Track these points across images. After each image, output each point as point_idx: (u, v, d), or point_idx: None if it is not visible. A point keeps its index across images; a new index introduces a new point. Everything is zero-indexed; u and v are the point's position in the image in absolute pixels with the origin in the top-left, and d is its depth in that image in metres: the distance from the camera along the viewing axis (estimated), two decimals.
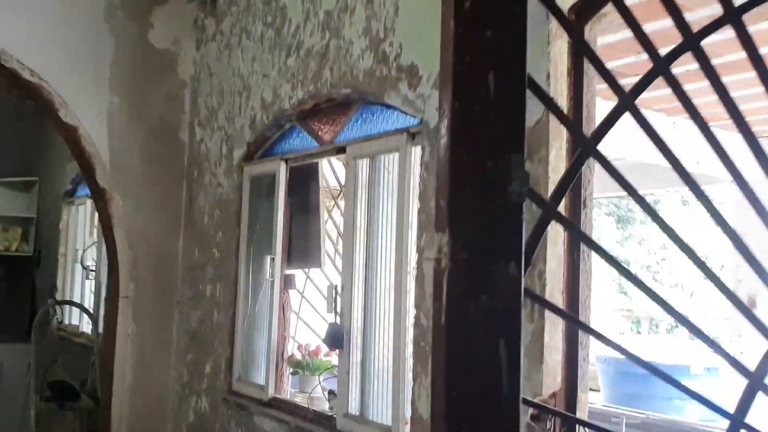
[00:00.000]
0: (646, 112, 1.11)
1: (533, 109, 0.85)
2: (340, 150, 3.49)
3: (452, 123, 0.94)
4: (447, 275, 0.93)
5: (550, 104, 0.99)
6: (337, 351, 3.41)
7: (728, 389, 6.37)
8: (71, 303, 6.67)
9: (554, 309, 1.59)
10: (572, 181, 1.03)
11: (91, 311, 6.13)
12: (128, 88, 4.73)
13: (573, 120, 1.13)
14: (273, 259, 4.00)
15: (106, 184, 4.66)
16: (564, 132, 2.31)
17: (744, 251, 0.94)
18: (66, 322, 6.82)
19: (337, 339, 3.35)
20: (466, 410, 0.97)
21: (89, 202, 6.44)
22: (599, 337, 0.98)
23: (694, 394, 1.03)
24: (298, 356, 4.06)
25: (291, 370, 4.01)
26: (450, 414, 0.96)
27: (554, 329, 2.36)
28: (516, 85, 0.96)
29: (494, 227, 0.95)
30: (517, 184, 0.96)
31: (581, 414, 2.40)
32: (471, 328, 0.94)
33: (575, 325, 1.04)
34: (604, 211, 16.54)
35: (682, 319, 0.97)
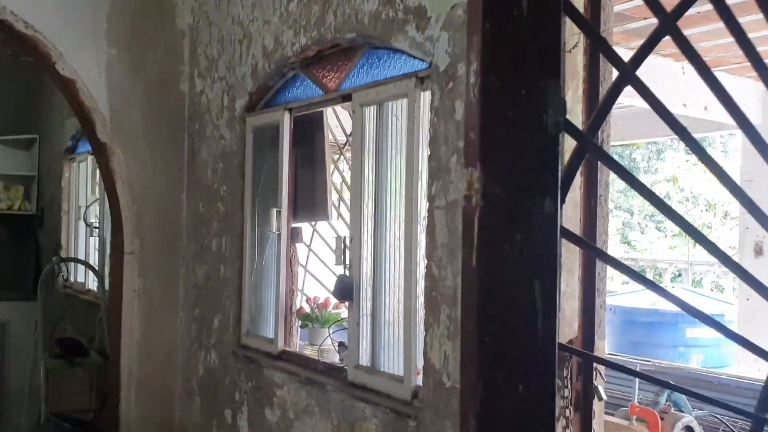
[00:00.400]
0: (652, 58, 1.03)
1: None
2: (346, 98, 3.39)
3: (482, 47, 0.85)
4: (479, 213, 0.86)
5: (587, 28, 0.93)
6: (347, 303, 3.37)
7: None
8: (76, 260, 6.65)
9: (600, 253, 1.53)
10: (610, 110, 0.96)
11: (96, 268, 6.11)
12: (126, 40, 4.61)
13: (610, 47, 1.05)
14: (279, 212, 3.94)
15: (106, 138, 4.58)
16: (581, 72, 2.22)
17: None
18: (72, 279, 6.81)
19: (346, 291, 3.31)
20: (499, 355, 0.91)
21: (90, 158, 6.37)
22: (653, 287, 0.92)
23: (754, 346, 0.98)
24: (307, 309, 4.04)
25: (300, 323, 3.98)
26: (482, 359, 0.90)
27: (570, 276, 2.31)
28: (551, 5, 0.88)
29: (529, 160, 0.87)
30: (553, 113, 0.88)
31: None
32: (504, 270, 0.88)
33: (627, 274, 0.98)
34: None
35: (740, 271, 0.91)
